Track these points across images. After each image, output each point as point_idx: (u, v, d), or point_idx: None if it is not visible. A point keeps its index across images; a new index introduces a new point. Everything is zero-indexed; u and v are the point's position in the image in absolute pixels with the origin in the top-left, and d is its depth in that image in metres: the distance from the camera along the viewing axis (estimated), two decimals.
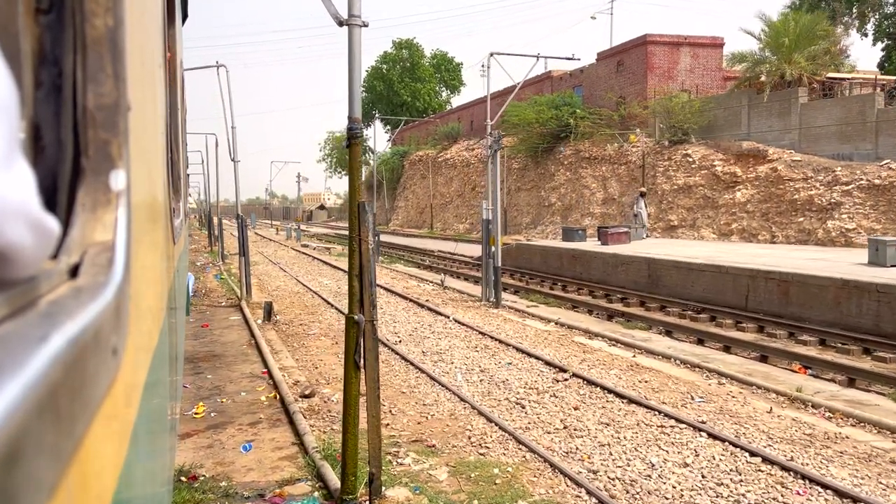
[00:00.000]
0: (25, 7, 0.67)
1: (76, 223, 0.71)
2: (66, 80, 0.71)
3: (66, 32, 0.71)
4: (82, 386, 0.57)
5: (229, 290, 19.78)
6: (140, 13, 1.14)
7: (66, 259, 0.66)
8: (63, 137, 0.71)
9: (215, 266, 27.34)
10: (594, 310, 16.32)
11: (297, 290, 19.75)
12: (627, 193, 36.42)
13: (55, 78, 0.71)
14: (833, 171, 26.60)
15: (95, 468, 0.64)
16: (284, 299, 17.92)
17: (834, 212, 25.72)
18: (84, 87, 0.73)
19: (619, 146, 38.31)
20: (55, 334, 0.51)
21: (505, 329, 13.11)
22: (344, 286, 19.77)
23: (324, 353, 11.61)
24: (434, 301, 16.93)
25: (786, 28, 30.52)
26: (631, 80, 39.97)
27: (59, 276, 0.64)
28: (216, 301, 17.87)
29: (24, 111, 0.66)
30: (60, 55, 0.71)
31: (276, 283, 21.29)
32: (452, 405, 8.28)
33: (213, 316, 15.61)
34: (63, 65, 0.71)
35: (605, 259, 20.13)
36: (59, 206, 0.70)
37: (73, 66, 0.72)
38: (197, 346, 12.33)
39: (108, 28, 0.77)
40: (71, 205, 0.72)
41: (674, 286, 17.16)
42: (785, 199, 27.65)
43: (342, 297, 17.71)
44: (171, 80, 2.60)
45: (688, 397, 8.37)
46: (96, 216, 0.74)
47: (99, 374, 0.64)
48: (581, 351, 11.12)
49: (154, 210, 1.46)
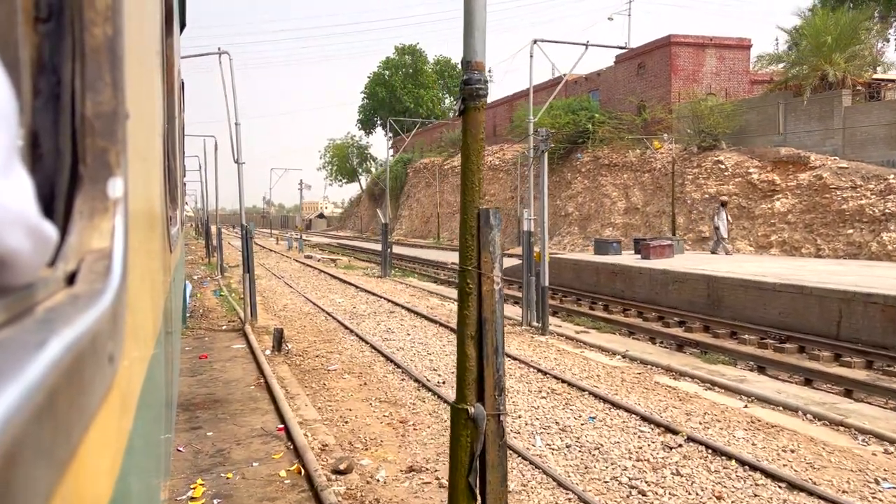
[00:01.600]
0: (24, 16, 0.68)
1: (73, 231, 0.71)
2: (65, 89, 0.72)
3: (65, 41, 0.71)
4: (79, 392, 0.57)
5: (230, 309, 17.51)
6: (139, 22, 1.14)
7: (64, 266, 0.66)
8: (61, 145, 0.72)
9: (213, 280, 25.05)
10: (656, 337, 14.09)
11: (308, 309, 17.49)
12: (652, 202, 34.29)
13: (54, 86, 0.71)
14: (886, 179, 24.47)
15: (91, 476, 0.64)
16: (294, 321, 15.66)
17: (889, 223, 23.57)
18: (82, 96, 0.73)
19: (641, 152, 36.22)
20: (53, 340, 0.51)
21: (566, 364, 10.88)
22: (360, 305, 17.53)
23: (351, 397, 9.34)
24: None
25: (826, 25, 28.45)
26: (653, 83, 37.92)
27: (56, 283, 0.64)
28: (215, 323, 15.60)
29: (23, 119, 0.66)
30: (59, 63, 0.71)
31: (282, 302, 19.03)
32: (549, 492, 6.02)
33: (212, 343, 13.35)
34: (62, 73, 0.71)
35: (653, 276, 17.93)
36: (57, 214, 0.71)
37: (71, 75, 0.72)
38: (194, 385, 10.07)
39: (107, 37, 0.77)
40: (68, 212, 0.72)
41: (740, 308, 14.96)
42: (832, 210, 25.51)
43: (360, 319, 15.49)
44: (168, 88, 2.55)
45: (865, 478, 6.15)
46: (94, 224, 0.74)
47: (95, 381, 0.63)
48: (675, 398, 8.88)
49: (151, 218, 1.47)
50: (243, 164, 14.22)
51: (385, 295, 19.62)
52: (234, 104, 14.08)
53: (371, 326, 14.65)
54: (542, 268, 13.67)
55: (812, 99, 28.41)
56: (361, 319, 15.59)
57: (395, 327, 14.51)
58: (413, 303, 18.09)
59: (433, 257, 35.67)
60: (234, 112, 14.11)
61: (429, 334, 13.68)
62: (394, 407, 8.74)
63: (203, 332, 14.54)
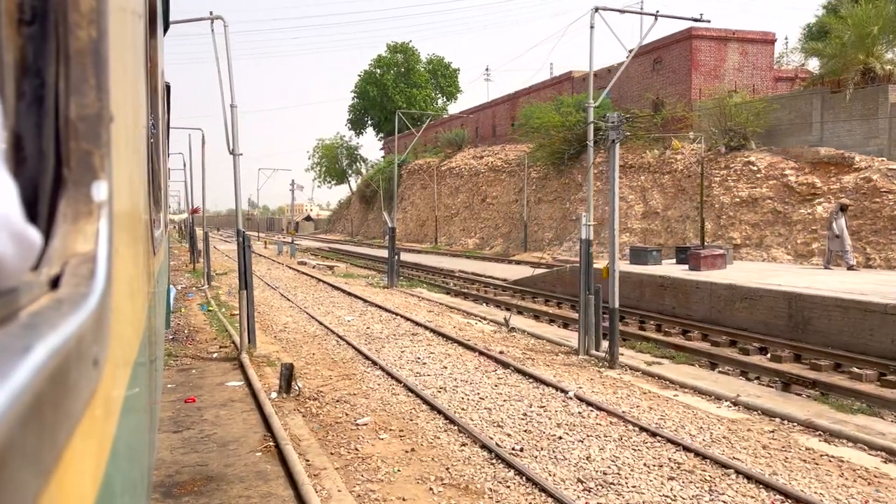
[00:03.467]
0: (8, 18, 0.68)
1: (57, 234, 0.71)
2: (49, 91, 0.71)
3: (49, 43, 0.71)
4: (64, 396, 0.57)
5: (221, 330, 14.83)
6: (123, 24, 1.13)
7: (48, 270, 0.66)
8: (45, 148, 0.71)
9: (200, 291, 22.30)
10: (747, 370, 11.59)
11: (314, 330, 14.83)
12: (674, 206, 31.95)
13: (38, 89, 0.71)
14: None
15: (76, 479, 0.63)
16: (299, 347, 13.02)
17: None
18: (66, 98, 0.73)
19: (660, 153, 33.89)
20: (37, 345, 0.52)
21: (665, 415, 8.34)
22: (375, 325, 14.85)
23: (399, 475, 6.72)
24: (512, 353, 12.14)
25: (870, 15, 26.26)
26: (671, 79, 35.61)
27: (40, 287, 0.64)
28: (204, 349, 12.93)
29: (6, 122, 0.67)
30: (43, 66, 0.71)
31: (281, 319, 16.36)
32: None
33: (201, 379, 10.69)
34: (46, 76, 0.71)
35: (715, 291, 15.47)
36: (41, 217, 0.70)
37: (55, 77, 0.72)
38: (179, 450, 7.43)
39: (92, 39, 0.76)
40: (52, 216, 0.71)
41: (835, 334, 12.53)
42: (883, 215, 23.22)
43: (379, 344, 12.91)
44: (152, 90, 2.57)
45: None
46: (77, 227, 0.73)
47: (80, 384, 0.63)
48: (852, 476, 6.37)
49: (135, 221, 1.46)
50: (240, 156, 11.60)
51: (399, 311, 17.03)
52: (229, 83, 11.46)
53: (394, 355, 12.06)
54: (612, 286, 11.16)
55: (854, 95, 26.17)
56: (380, 344, 12.98)
57: (425, 356, 11.92)
58: (435, 322, 15.50)
59: (436, 263, 33.11)
60: (229, 92, 11.49)
61: (469, 367, 11.10)
62: (467, 496, 6.15)
63: (190, 362, 11.88)
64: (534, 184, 41.72)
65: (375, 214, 71.57)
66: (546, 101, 41.93)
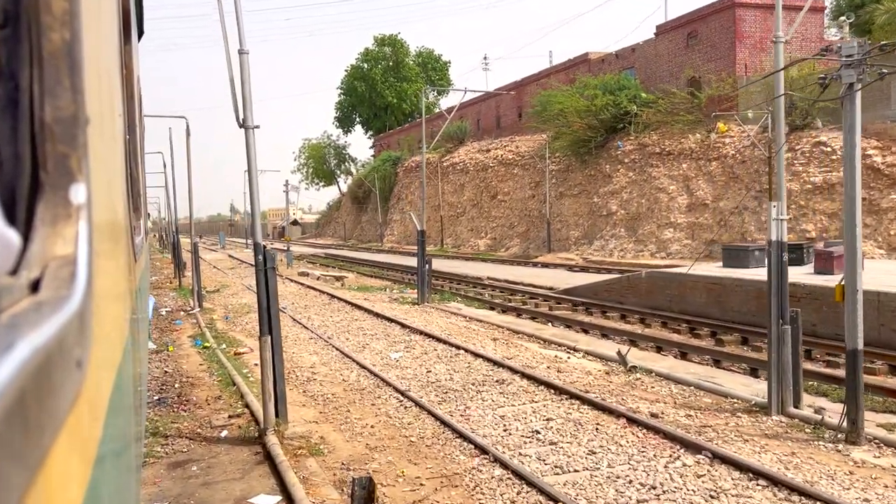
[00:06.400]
0: None
1: (36, 238, 0.70)
2: (23, 94, 0.71)
3: (22, 46, 0.71)
4: (48, 396, 0.57)
5: (225, 382, 10.70)
6: (97, 27, 1.12)
7: (27, 274, 0.66)
8: (21, 151, 0.71)
9: (189, 317, 18.09)
10: None
11: (355, 377, 10.73)
12: (726, 196, 28.14)
13: (12, 92, 0.70)
14: None
15: (62, 480, 0.63)
16: (347, 411, 8.92)
17: None
18: (41, 101, 0.73)
19: (703, 137, 30.10)
20: (20, 343, 0.52)
21: None
22: (437, 366, 10.49)
23: None
24: (666, 413, 8.17)
25: None
26: (710, 54, 31.83)
27: (20, 290, 0.63)
28: (206, 419, 8.82)
29: None
30: (17, 69, 0.70)
31: (305, 358, 12.24)
32: None
33: (207, 487, 6.60)
34: (20, 78, 0.71)
35: (887, 304, 11.63)
36: (19, 221, 0.70)
37: (29, 80, 0.71)
38: None
39: (65, 41, 0.76)
40: (30, 219, 0.71)
41: None
42: None
43: (459, 400, 8.92)
44: (128, 95, 2.54)
45: None
46: (56, 230, 0.73)
47: (64, 385, 0.63)
48: None
49: (115, 225, 1.45)
50: (256, 129, 7.52)
51: (453, 339, 13.04)
52: (235, 17, 7.37)
53: (492, 422, 8.05)
54: (852, 313, 7.18)
55: None
56: (461, 402, 8.95)
57: (540, 424, 7.93)
58: (512, 356, 11.51)
59: (453, 269, 29.03)
60: (238, 34, 7.42)
61: (627, 448, 7.10)
62: None
63: (186, 447, 7.79)
64: (554, 176, 37.77)
65: (370, 216, 67.29)
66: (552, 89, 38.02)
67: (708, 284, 15.41)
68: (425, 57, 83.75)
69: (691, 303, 15.80)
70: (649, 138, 32.39)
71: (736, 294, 14.62)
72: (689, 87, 31.97)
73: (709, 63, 31.69)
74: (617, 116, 33.71)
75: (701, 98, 29.94)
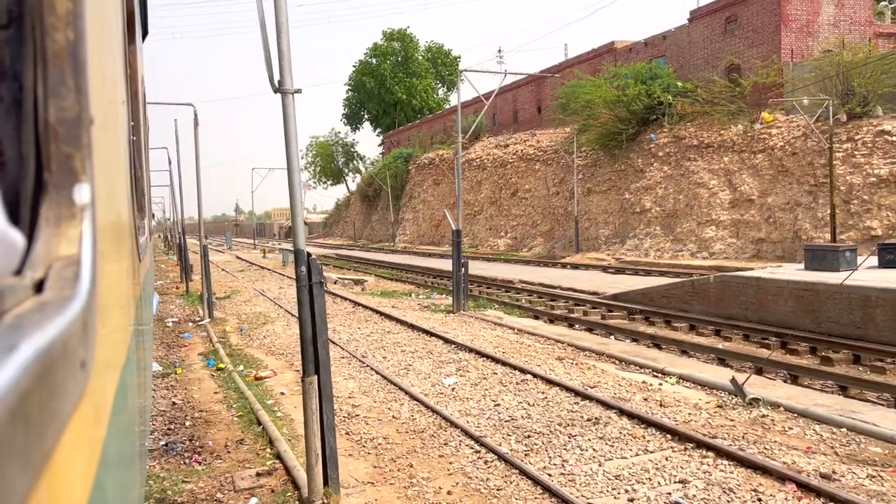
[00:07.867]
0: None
1: (40, 238, 0.70)
2: (27, 95, 0.71)
3: (25, 47, 0.70)
4: (52, 396, 0.57)
5: (246, 419, 8.70)
6: (100, 28, 1.11)
7: (31, 274, 0.66)
8: (25, 152, 0.71)
9: (199, 329, 16.11)
10: None
11: (407, 413, 8.69)
12: (775, 191, 26.03)
13: (16, 92, 0.70)
14: None
15: (66, 480, 0.63)
16: (408, 467, 6.88)
17: None
18: (45, 101, 0.72)
19: (745, 128, 28.02)
20: (24, 344, 0.51)
21: None
22: (505, 397, 8.17)
23: None
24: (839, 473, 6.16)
25: None
26: (752, 39, 29.72)
27: (24, 290, 0.63)
28: (227, 476, 6.83)
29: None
30: (21, 69, 0.70)
31: (341, 385, 10.18)
32: None
33: None
34: (24, 79, 0.70)
35: None
36: (23, 221, 0.70)
37: (33, 81, 0.71)
38: None
39: (69, 42, 0.75)
40: (34, 220, 0.71)
41: None
42: None
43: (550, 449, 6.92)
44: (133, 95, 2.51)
45: None
46: (60, 231, 0.72)
47: (68, 385, 0.63)
48: None
49: (119, 226, 1.43)
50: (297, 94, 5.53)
51: (511, 359, 11.06)
52: None
53: (614, 489, 6.04)
54: None
55: None
56: (553, 452, 6.94)
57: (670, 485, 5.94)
58: (596, 383, 9.50)
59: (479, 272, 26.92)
60: None
61: None
62: None
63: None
64: (581, 172, 35.69)
65: (380, 215, 65.27)
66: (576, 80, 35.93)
67: (796, 291, 13.35)
68: (435, 52, 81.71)
69: (773, 312, 13.76)
70: (685, 130, 30.32)
71: (835, 302, 12.57)
72: (728, 74, 29.91)
73: (751, 49, 29.60)
74: (650, 107, 31.65)
75: (745, 86, 27.86)
